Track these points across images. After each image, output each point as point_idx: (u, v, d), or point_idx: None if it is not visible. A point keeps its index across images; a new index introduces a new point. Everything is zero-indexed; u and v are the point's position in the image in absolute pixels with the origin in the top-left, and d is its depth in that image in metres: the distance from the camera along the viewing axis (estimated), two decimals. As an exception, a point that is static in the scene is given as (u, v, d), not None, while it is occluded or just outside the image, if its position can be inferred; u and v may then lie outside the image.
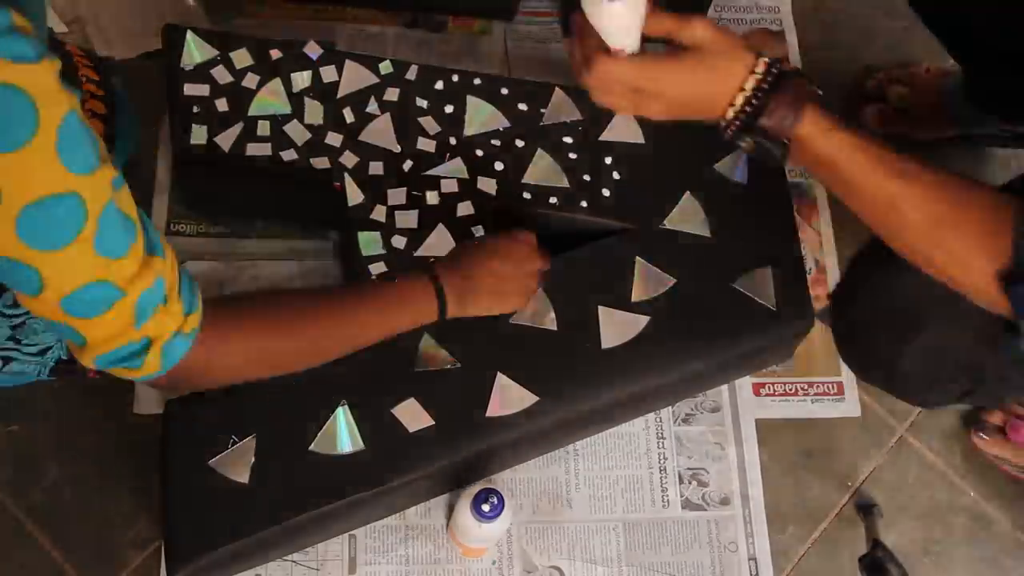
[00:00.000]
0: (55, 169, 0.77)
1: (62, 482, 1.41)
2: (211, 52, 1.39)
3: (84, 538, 1.39)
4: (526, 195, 1.38)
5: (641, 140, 1.42)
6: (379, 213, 1.35)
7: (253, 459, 1.23)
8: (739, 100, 0.97)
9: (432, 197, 1.36)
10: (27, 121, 0.74)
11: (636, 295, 1.35)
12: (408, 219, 1.35)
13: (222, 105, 1.36)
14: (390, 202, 1.35)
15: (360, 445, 1.25)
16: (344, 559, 1.40)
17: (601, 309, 1.34)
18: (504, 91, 1.43)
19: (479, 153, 1.39)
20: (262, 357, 1.08)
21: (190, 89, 1.37)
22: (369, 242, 1.33)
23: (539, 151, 1.40)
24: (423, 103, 1.40)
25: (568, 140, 1.41)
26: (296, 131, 1.37)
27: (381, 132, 1.38)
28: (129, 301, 0.88)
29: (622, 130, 1.42)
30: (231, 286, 1.50)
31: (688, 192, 1.40)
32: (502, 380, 1.29)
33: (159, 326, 0.92)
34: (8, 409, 1.43)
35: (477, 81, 1.43)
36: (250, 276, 1.51)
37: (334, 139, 1.37)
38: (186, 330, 0.95)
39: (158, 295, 0.90)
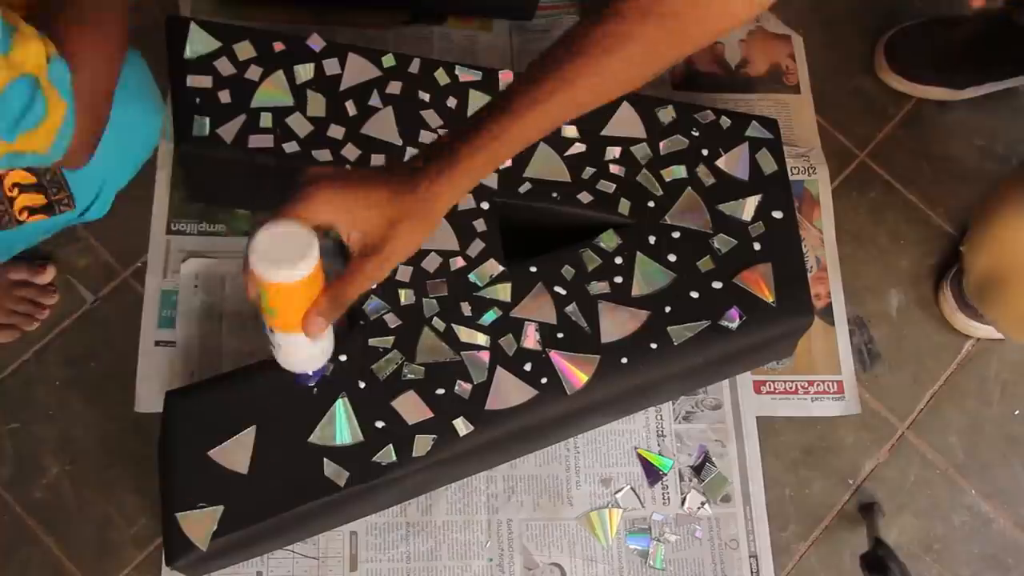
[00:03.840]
0: None
1: (63, 480, 1.41)
2: (214, 44, 1.39)
3: (85, 536, 1.39)
4: (527, 189, 1.38)
5: (643, 135, 1.42)
6: (380, 206, 1.35)
7: (252, 450, 1.23)
8: None
9: (433, 190, 1.36)
10: None
11: (636, 290, 1.35)
12: (409, 212, 1.35)
13: (225, 97, 1.37)
14: (391, 195, 1.35)
15: (359, 437, 1.25)
16: (345, 556, 1.39)
17: (601, 303, 1.34)
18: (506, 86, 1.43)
19: (480, 147, 1.39)
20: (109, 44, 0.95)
21: (193, 80, 1.37)
22: (370, 235, 1.33)
23: (541, 145, 1.39)
24: (425, 96, 1.41)
25: (570, 134, 1.41)
26: (298, 123, 1.37)
27: (383, 125, 1.39)
28: None
29: (624, 125, 1.42)
30: (232, 283, 1.50)
31: (689, 187, 1.41)
32: (501, 374, 1.29)
33: (26, 52, 0.81)
34: (9, 407, 1.43)
35: (479, 75, 1.43)
36: (251, 273, 1.51)
37: (336, 132, 1.37)
38: (52, 50, 0.84)
39: None
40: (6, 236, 1.07)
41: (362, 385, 1.27)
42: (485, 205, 1.36)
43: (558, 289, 1.34)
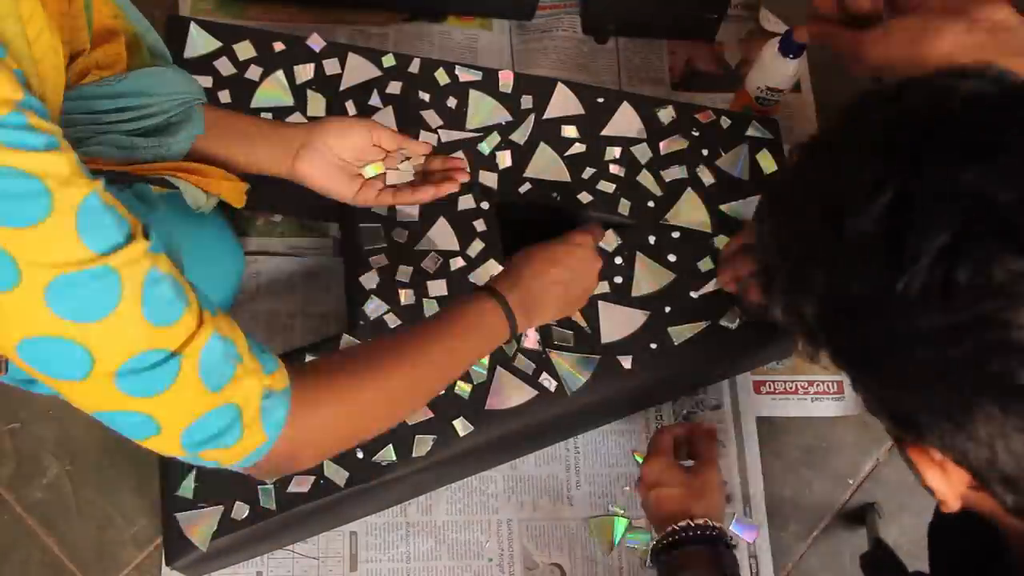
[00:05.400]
0: (77, 248, 0.72)
1: (63, 480, 1.41)
2: (214, 44, 1.39)
3: (85, 536, 1.39)
4: (527, 189, 1.38)
5: (643, 135, 1.42)
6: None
7: (252, 450, 1.23)
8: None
9: (433, 191, 1.36)
10: (40, 202, 0.70)
11: (636, 290, 1.35)
12: (409, 212, 1.35)
13: (225, 97, 1.36)
14: (391, 195, 1.36)
15: (359, 437, 1.25)
16: (345, 556, 1.39)
17: (601, 304, 1.34)
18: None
19: (481, 147, 1.39)
20: (353, 416, 0.93)
21: (193, 81, 1.37)
22: (370, 235, 1.33)
23: (541, 145, 1.40)
24: (425, 96, 1.40)
25: (570, 135, 1.41)
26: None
27: (383, 125, 1.38)
28: (190, 364, 0.78)
29: (624, 125, 1.42)
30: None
31: (689, 187, 1.41)
32: (501, 374, 1.29)
33: (242, 388, 0.81)
34: (10, 407, 1.43)
35: (479, 75, 1.43)
36: (251, 273, 1.51)
37: (336, 132, 1.37)
38: (277, 388, 0.84)
39: (217, 351, 0.79)
40: None
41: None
42: (485, 205, 1.36)
43: (558, 289, 1.33)
